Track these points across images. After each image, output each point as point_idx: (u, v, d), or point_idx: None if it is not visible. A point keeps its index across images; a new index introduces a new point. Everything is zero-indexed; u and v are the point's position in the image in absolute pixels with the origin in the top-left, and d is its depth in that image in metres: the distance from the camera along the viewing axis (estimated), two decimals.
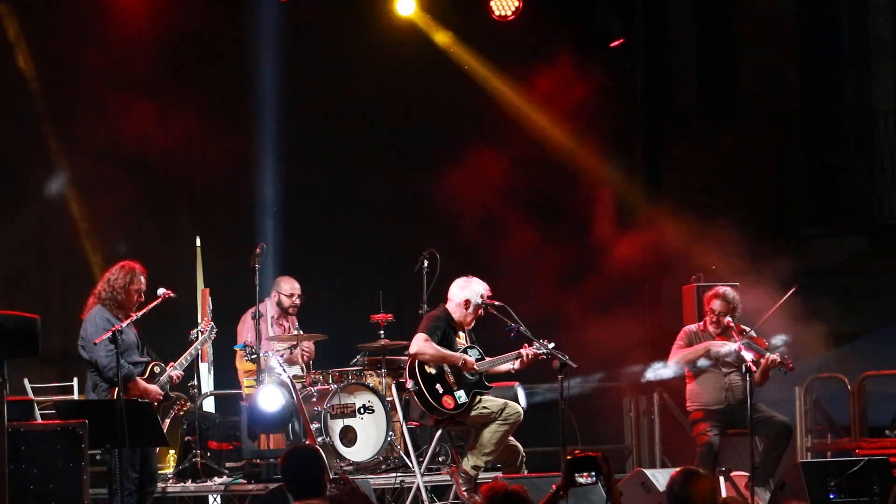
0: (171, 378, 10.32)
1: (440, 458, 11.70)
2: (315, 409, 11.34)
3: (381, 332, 11.75)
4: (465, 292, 10.47)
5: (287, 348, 11.96)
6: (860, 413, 12.79)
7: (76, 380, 11.94)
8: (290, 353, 11.94)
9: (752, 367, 10.38)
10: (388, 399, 11.55)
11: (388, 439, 11.47)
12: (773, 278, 12.24)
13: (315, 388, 11.53)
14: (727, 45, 16.06)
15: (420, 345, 10.28)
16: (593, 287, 13.90)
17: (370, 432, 11.48)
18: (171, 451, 11.60)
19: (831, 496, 9.79)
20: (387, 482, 11.22)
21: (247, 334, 11.96)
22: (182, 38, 13.53)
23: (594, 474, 6.17)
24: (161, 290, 10.28)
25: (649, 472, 10.49)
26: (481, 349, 10.49)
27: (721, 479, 10.64)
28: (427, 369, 10.30)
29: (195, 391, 11.69)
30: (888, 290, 15.01)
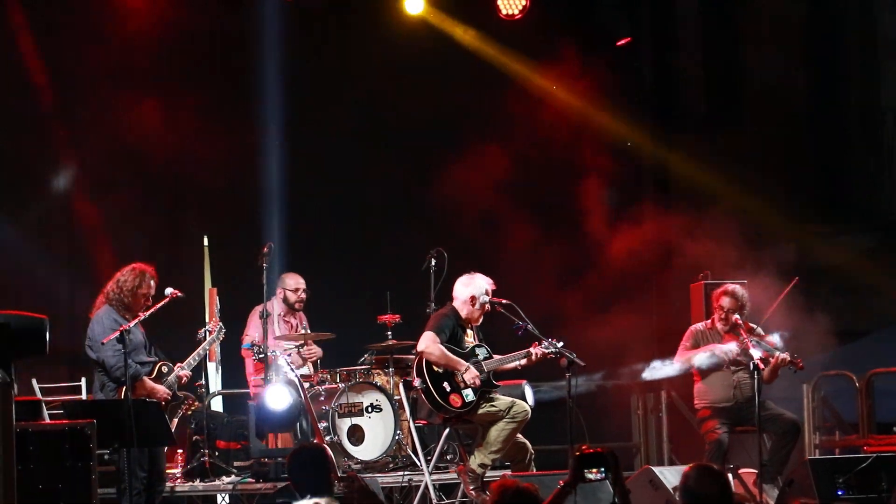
0: (180, 378, 10.34)
1: (448, 457, 11.70)
2: (323, 407, 11.33)
3: (389, 333, 11.76)
4: (469, 289, 10.47)
5: (295, 347, 11.95)
6: (868, 410, 12.76)
7: (84, 380, 11.94)
8: (298, 351, 11.94)
9: (760, 365, 10.39)
10: (395, 398, 11.55)
11: (396, 438, 11.47)
12: (780, 276, 12.24)
13: (323, 387, 11.53)
14: (734, 43, 16.03)
15: (427, 343, 10.28)
16: (596, 284, 13.90)
17: (378, 431, 11.48)
18: (180, 450, 11.61)
19: (839, 493, 9.76)
20: (395, 481, 11.23)
21: (254, 331, 11.96)
22: (189, 38, 13.53)
23: (603, 470, 6.17)
24: (168, 290, 10.29)
25: (657, 469, 10.45)
26: (489, 347, 10.49)
27: (729, 476, 10.62)
28: (435, 367, 10.30)
29: (203, 391, 11.69)
30: None
